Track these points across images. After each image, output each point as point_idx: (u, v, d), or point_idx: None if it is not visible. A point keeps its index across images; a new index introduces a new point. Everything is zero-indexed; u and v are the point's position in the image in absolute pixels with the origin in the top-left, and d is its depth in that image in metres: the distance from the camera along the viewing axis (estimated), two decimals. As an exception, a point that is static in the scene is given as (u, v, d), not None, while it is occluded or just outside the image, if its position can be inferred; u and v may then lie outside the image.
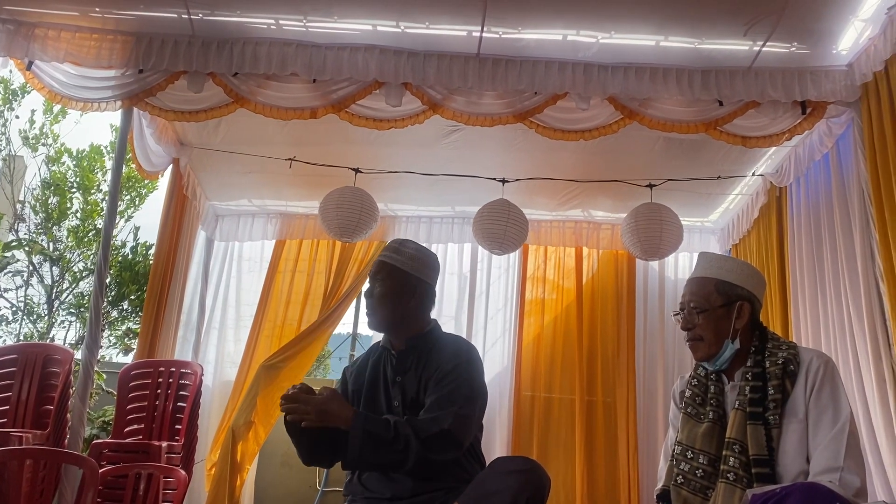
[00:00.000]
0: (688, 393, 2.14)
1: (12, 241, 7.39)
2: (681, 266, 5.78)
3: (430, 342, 2.33)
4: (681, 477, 2.01)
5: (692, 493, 1.97)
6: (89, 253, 7.56)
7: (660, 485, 2.12)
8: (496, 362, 5.53)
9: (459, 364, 2.22)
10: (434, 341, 2.34)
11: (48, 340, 7.04)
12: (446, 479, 2.16)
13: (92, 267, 7.41)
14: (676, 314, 2.16)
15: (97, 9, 3.58)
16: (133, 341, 7.40)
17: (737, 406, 1.98)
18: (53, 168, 7.76)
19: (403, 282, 2.31)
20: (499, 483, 1.98)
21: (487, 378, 2.41)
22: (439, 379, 2.20)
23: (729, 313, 2.06)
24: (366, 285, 2.36)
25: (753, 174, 4.88)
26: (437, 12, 3.52)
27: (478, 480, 2.04)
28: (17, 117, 7.83)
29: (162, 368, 4.44)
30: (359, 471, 2.29)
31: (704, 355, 2.09)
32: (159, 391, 4.36)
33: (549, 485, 2.05)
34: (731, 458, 1.91)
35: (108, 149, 7.94)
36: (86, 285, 7.58)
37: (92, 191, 7.77)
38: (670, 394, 2.34)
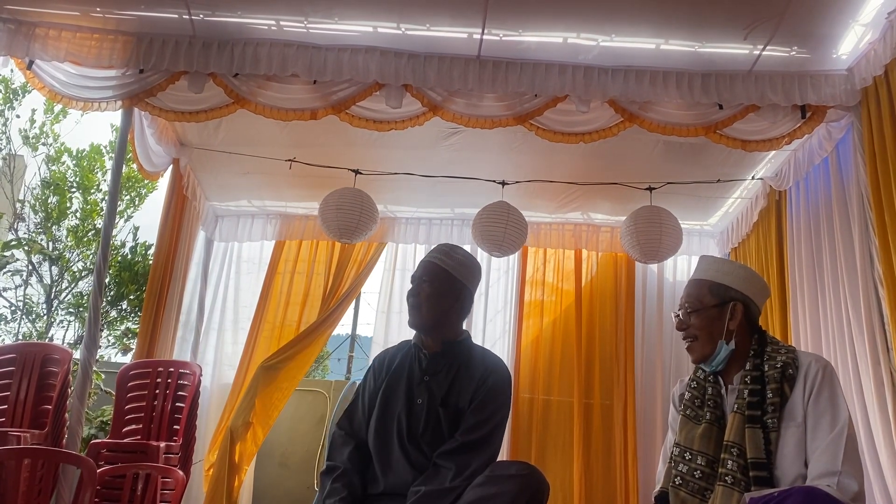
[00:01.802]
0: (687, 395, 2.15)
1: (12, 240, 7.39)
2: (680, 269, 5.78)
3: (464, 350, 2.38)
4: (679, 478, 2.02)
5: (690, 495, 1.97)
6: (89, 252, 7.56)
7: (658, 487, 2.13)
8: (495, 364, 5.52)
9: (499, 383, 2.30)
10: (469, 350, 2.39)
11: (47, 340, 7.03)
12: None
13: (91, 266, 7.41)
14: (677, 314, 2.18)
15: (98, 9, 3.58)
16: (132, 341, 7.40)
17: (735, 409, 1.98)
18: (53, 167, 7.76)
19: (450, 285, 2.36)
20: (497, 487, 1.99)
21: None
22: (482, 396, 2.26)
23: (722, 314, 2.09)
24: (410, 284, 2.42)
25: (753, 178, 4.89)
26: (437, 14, 3.52)
27: (476, 484, 2.04)
28: (17, 116, 7.83)
29: (160, 369, 4.44)
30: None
31: (699, 356, 2.12)
32: (158, 391, 4.36)
33: (547, 490, 2.06)
34: (730, 462, 1.91)
35: (108, 149, 7.93)
36: (85, 285, 7.57)
37: (92, 190, 7.76)
38: (668, 397, 2.36)
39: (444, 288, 2.35)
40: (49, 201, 7.59)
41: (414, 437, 2.25)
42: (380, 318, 5.68)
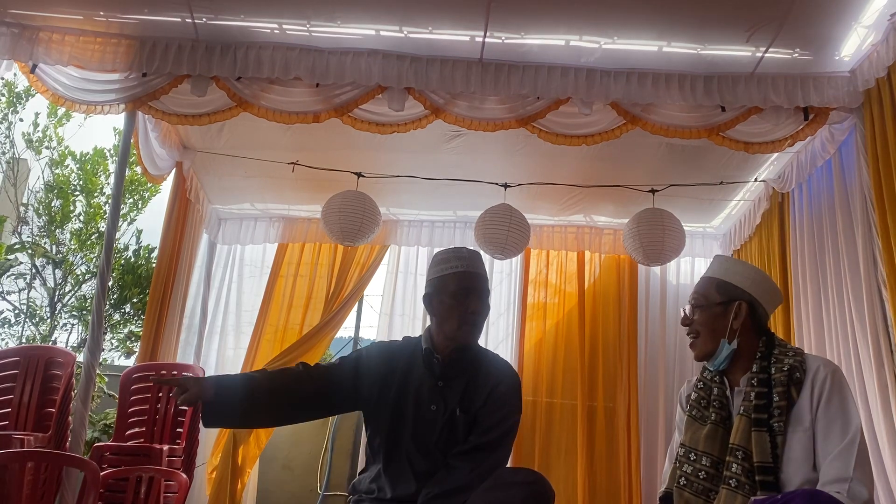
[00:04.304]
0: (693, 396, 2.14)
1: (15, 243, 7.40)
2: (683, 271, 5.78)
3: (476, 355, 2.37)
4: (683, 479, 2.01)
5: (694, 495, 1.97)
6: (92, 256, 7.57)
7: (663, 487, 2.12)
8: (498, 367, 5.52)
9: (511, 388, 2.31)
10: (480, 355, 2.39)
11: (50, 343, 7.04)
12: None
13: (94, 270, 7.42)
14: (684, 310, 2.19)
15: (101, 12, 3.59)
16: (135, 344, 7.40)
17: (741, 412, 1.97)
18: (57, 171, 7.76)
19: (488, 293, 2.39)
20: (503, 494, 1.99)
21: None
22: (495, 400, 2.26)
23: (726, 312, 2.08)
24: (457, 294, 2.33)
25: (756, 180, 4.88)
26: (440, 17, 3.53)
27: (482, 490, 2.04)
28: (20, 120, 7.85)
29: (164, 371, 4.45)
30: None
31: (700, 353, 2.12)
32: (161, 394, 4.36)
33: (553, 497, 2.05)
34: (734, 465, 1.91)
35: (112, 152, 7.94)
36: (88, 288, 7.57)
37: (95, 194, 7.77)
38: (671, 399, 2.36)
39: (487, 298, 2.38)
40: (52, 205, 7.59)
41: (424, 445, 2.23)
42: (383, 320, 5.68)
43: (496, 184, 4.99)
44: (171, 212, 4.86)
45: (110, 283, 6.90)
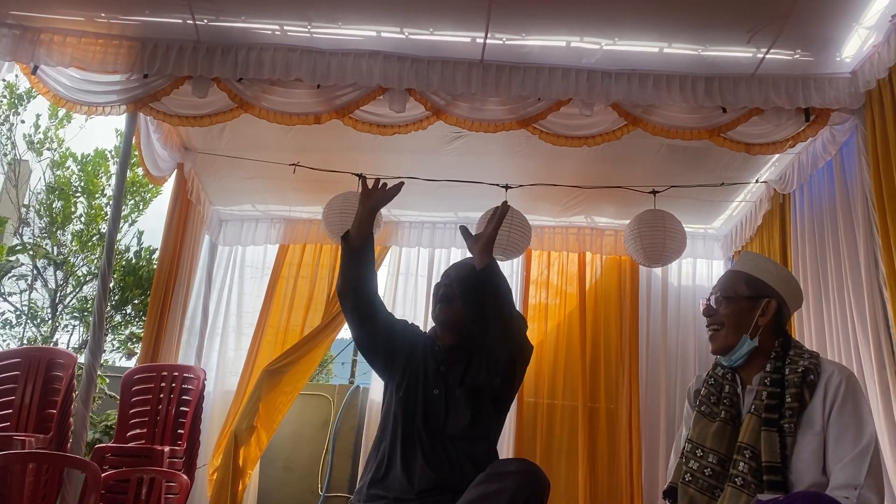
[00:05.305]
0: (703, 391, 2.12)
1: (17, 244, 7.40)
2: (684, 273, 5.77)
3: (476, 346, 2.45)
4: (689, 475, 2.00)
5: (699, 492, 1.95)
6: (93, 257, 7.57)
7: (668, 482, 2.11)
8: (499, 368, 5.51)
9: (512, 357, 2.40)
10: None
11: (51, 344, 7.04)
12: (454, 481, 2.17)
13: (96, 271, 7.42)
14: (706, 300, 2.16)
15: (103, 14, 3.60)
16: (136, 345, 7.40)
17: (752, 410, 1.95)
18: (58, 172, 7.77)
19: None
20: (497, 484, 2.00)
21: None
22: (498, 364, 2.34)
23: (753, 307, 2.06)
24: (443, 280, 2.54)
25: (757, 181, 4.88)
26: (440, 19, 3.53)
27: (477, 482, 2.05)
28: (22, 122, 7.85)
29: (165, 373, 4.44)
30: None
31: (720, 345, 2.08)
32: (162, 395, 4.36)
33: (548, 487, 2.06)
34: (742, 463, 1.89)
35: (113, 153, 7.95)
36: (89, 289, 7.57)
37: (96, 195, 7.77)
38: (673, 400, 2.34)
39: (455, 281, 2.47)
40: (54, 206, 7.59)
41: (433, 428, 2.29)
42: (383, 322, 5.67)
43: (497, 185, 4.99)
44: (172, 213, 4.86)
45: (111, 285, 6.90)
